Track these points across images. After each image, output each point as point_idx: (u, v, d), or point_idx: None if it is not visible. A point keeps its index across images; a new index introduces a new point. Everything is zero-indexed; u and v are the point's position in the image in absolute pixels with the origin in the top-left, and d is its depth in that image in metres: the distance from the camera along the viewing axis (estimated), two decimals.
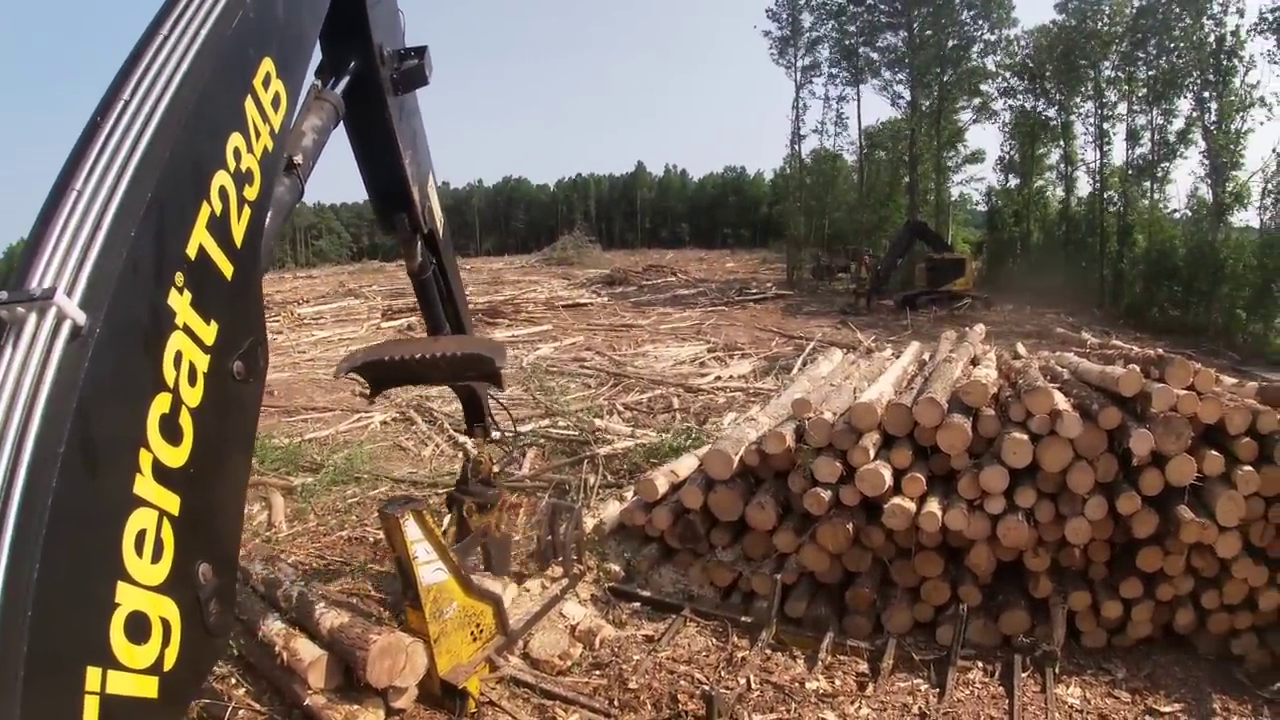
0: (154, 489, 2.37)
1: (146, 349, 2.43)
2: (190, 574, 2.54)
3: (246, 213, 2.94)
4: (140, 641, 2.29)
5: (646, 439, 11.93)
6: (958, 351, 10.05)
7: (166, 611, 2.40)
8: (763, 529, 7.55)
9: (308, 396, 17.90)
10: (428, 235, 5.88)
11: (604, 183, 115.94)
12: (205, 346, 2.66)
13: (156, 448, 2.40)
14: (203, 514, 2.61)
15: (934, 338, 15.98)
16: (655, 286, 42.46)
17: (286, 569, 7.26)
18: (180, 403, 2.52)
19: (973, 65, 44.48)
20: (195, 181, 2.69)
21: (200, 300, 2.63)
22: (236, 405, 2.91)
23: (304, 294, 41.28)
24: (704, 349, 22.55)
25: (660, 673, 6.43)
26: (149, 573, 2.33)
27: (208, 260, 2.71)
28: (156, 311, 2.48)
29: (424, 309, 6.53)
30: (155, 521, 2.37)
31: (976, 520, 6.89)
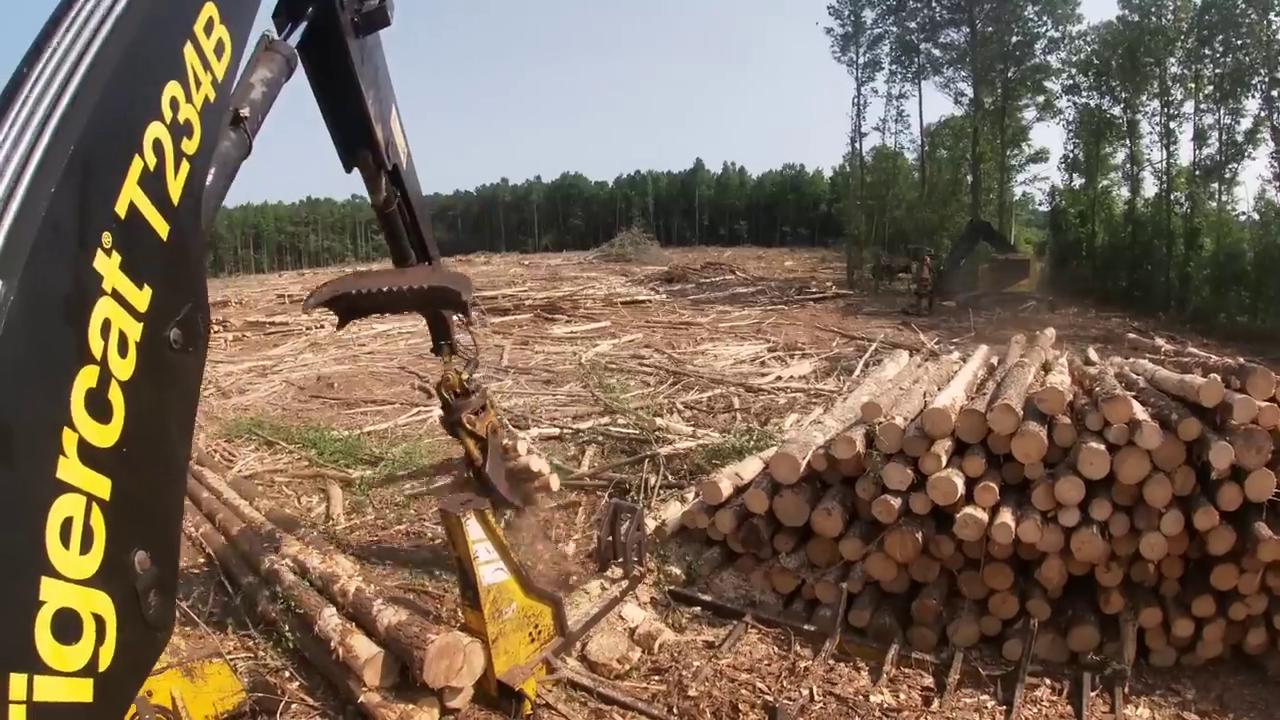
0: (80, 472, 2.12)
1: (69, 318, 2.16)
2: (125, 564, 2.30)
3: (185, 167, 2.66)
4: (70, 641, 2.06)
5: (708, 439, 11.79)
6: (1030, 356, 9.77)
7: (99, 607, 2.16)
8: (828, 535, 7.39)
9: (367, 389, 18.05)
10: (392, 169, 5.76)
11: (662, 180, 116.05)
12: (138, 313, 2.39)
13: (82, 426, 2.14)
14: (138, 497, 2.37)
15: (997, 340, 15.65)
16: (714, 284, 42.24)
17: (344, 563, 7.25)
18: (110, 376, 2.25)
19: (1036, 62, 43.60)
20: (126, 133, 2.42)
21: (131, 263, 2.36)
22: (174, 377, 2.64)
23: None
24: (764, 348, 22.33)
25: (721, 681, 6.31)
26: (77, 565, 2.09)
27: (140, 219, 2.44)
28: (80, 276, 2.20)
29: (389, 240, 6.35)
30: (83, 508, 2.12)
31: (1049, 532, 6.68)
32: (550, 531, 9.26)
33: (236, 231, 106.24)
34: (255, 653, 6.75)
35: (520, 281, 43.41)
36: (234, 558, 8.05)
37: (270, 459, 12.59)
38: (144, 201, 2.43)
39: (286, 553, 7.52)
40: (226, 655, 6.07)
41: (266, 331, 28.31)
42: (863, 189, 49.77)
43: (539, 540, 8.31)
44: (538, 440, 12.90)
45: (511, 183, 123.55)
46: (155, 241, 2.50)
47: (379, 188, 5.74)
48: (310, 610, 6.47)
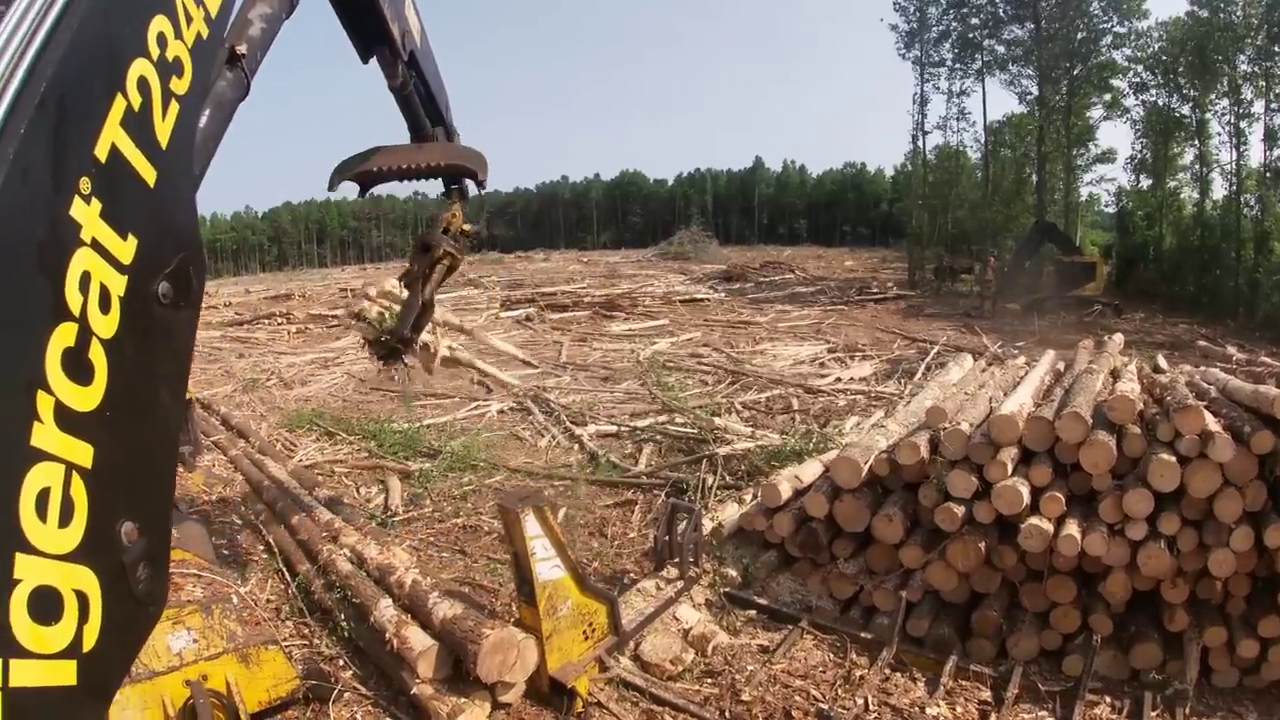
0: (58, 439, 1.96)
1: (42, 269, 1.97)
2: (111, 536, 2.15)
3: (174, 108, 2.47)
4: (50, 621, 1.92)
5: (766, 440, 11.69)
6: (1098, 363, 9.53)
7: (82, 583, 2.02)
8: (889, 542, 7.26)
9: (426, 383, 18.17)
10: (408, 56, 5.75)
11: (721, 178, 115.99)
12: (121, 266, 2.21)
13: (59, 389, 1.98)
14: (124, 464, 2.21)
15: (1061, 345, 15.35)
16: (773, 283, 42.09)
17: (401, 554, 7.29)
18: (90, 334, 2.08)
19: (1102, 59, 42.76)
20: (107, 70, 2.24)
21: (113, 210, 2.18)
22: (163, 334, 2.45)
23: None
24: (823, 349, 22.15)
25: (775, 686, 6.22)
26: (56, 539, 1.95)
27: (123, 163, 2.26)
28: (55, 224, 2.02)
29: (407, 117, 6.39)
30: (62, 477, 1.97)
31: (1116, 545, 6.50)
32: (607, 529, 9.26)
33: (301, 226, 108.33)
34: (310, 640, 6.82)
35: (579, 278, 43.64)
36: (292, 546, 8.13)
37: (330, 449, 12.75)
38: (127, 144, 2.27)
39: (345, 542, 7.59)
40: (282, 642, 6.11)
41: (329, 325, 28.76)
42: (925, 188, 49.27)
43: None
44: (594, 437, 12.93)
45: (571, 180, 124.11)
46: (141, 187, 2.34)
47: (395, 73, 5.76)
48: (366, 600, 6.52)
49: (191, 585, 6.48)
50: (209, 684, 5.14)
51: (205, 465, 11.62)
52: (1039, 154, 44.97)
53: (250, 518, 9.32)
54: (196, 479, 10.59)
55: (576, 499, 10.06)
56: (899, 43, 48.32)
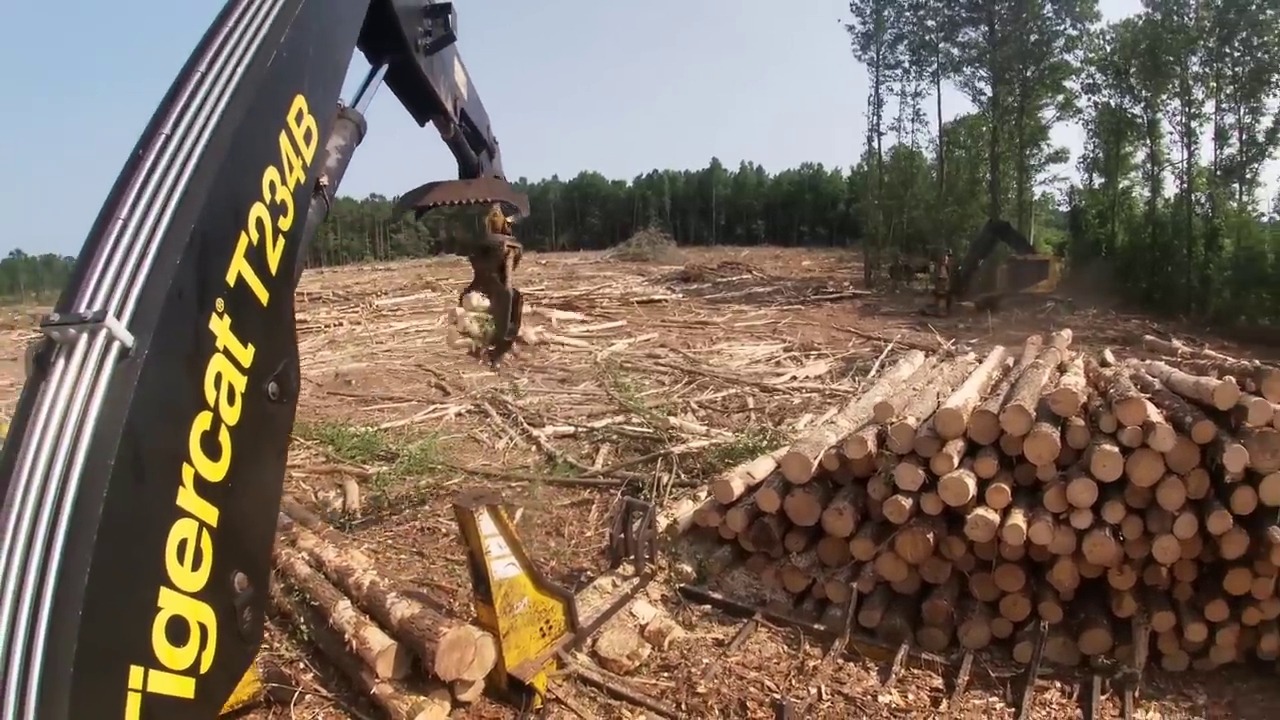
0: (195, 501, 2.49)
1: (190, 370, 2.55)
2: (226, 582, 2.64)
3: (281, 242, 3.06)
4: (180, 644, 2.40)
5: (721, 438, 11.79)
6: (1045, 357, 9.76)
7: (204, 617, 2.50)
8: (840, 535, 7.38)
9: (385, 386, 18.16)
10: (460, 112, 6.07)
11: (679, 179, 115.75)
12: (243, 368, 2.78)
13: (198, 463, 2.52)
14: (239, 526, 2.72)
15: (1016, 341, 15.59)
16: (730, 284, 42.26)
17: (359, 557, 7.31)
18: (220, 421, 2.64)
19: (1055, 61, 43.29)
20: (234, 213, 2.81)
21: (239, 324, 2.75)
22: (271, 424, 3.03)
23: (383, 286, 41.91)
24: (779, 348, 22.35)
25: (730, 678, 6.32)
26: (189, 579, 2.44)
27: (245, 287, 2.83)
28: (199, 335, 2.60)
29: (457, 156, 6.75)
30: (196, 532, 2.48)
31: (1062, 534, 6.66)
32: (564, 529, 9.33)
33: None
34: (270, 644, 6.80)
35: (537, 280, 43.51)
36: None
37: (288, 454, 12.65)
38: (249, 272, 2.84)
39: (303, 546, 7.60)
40: None
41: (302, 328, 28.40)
42: (880, 188, 49.67)
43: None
44: (552, 438, 12.98)
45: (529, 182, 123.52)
46: (257, 306, 2.90)
47: (448, 130, 6.05)
48: (325, 603, 6.54)
49: None
50: None
51: None
52: (992, 154, 45.46)
53: None
54: None
55: (534, 499, 10.09)
56: (855, 44, 48.68)
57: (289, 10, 3.22)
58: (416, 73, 4.95)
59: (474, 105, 6.46)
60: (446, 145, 6.56)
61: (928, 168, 50.32)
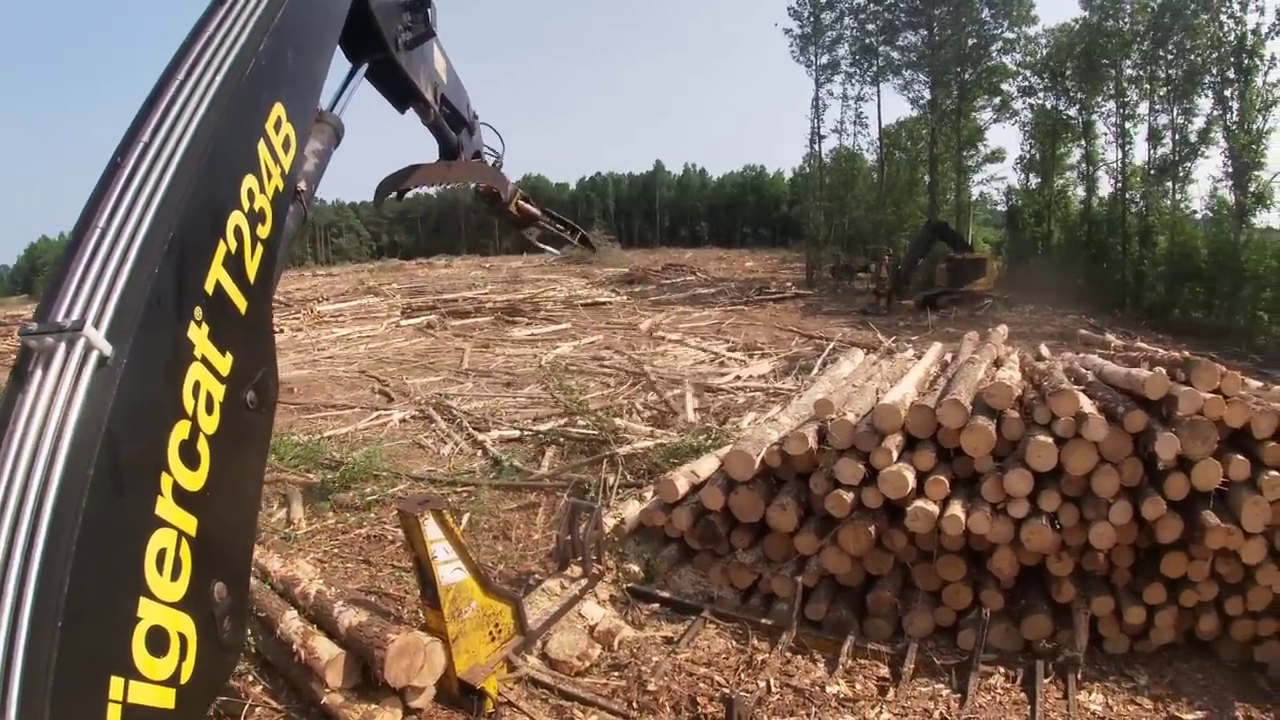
0: (174, 511, 2.49)
1: (168, 378, 2.56)
2: (206, 592, 2.65)
3: (259, 250, 3.07)
4: (160, 654, 2.39)
5: (666, 439, 11.84)
6: (981, 353, 9.95)
7: (184, 627, 2.51)
8: (784, 531, 7.47)
9: (327, 394, 17.95)
10: (439, 99, 6.01)
11: (623, 182, 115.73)
12: (221, 377, 2.79)
13: (177, 472, 2.52)
14: (218, 535, 2.73)
15: (955, 338, 15.83)
16: (674, 285, 42.43)
17: (305, 566, 7.25)
18: (198, 430, 2.64)
19: (992, 64, 44.08)
20: (213, 221, 2.82)
21: (217, 333, 2.77)
22: (249, 433, 3.05)
23: (324, 291, 41.38)
24: (724, 348, 22.48)
25: (679, 675, 6.37)
26: (168, 589, 2.45)
27: (224, 296, 2.85)
28: (178, 343, 2.61)
29: (437, 138, 6.56)
30: (174, 541, 2.49)
31: (1000, 524, 6.80)
32: (510, 532, 9.33)
33: None
34: None
35: (481, 284, 43.38)
36: None
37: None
38: (227, 280, 2.85)
39: None
40: None
41: None
42: (822, 190, 50.03)
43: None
44: (497, 442, 12.95)
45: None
46: (236, 315, 2.91)
47: (428, 114, 5.95)
48: (272, 613, 6.46)
49: None
50: None
51: None
52: (931, 156, 46.14)
53: None
54: None
55: (480, 504, 10.07)
56: (793, 46, 49.03)
57: (268, 17, 3.23)
58: (397, 70, 4.93)
59: (454, 88, 6.38)
60: (427, 129, 6.47)
61: (868, 169, 50.79)
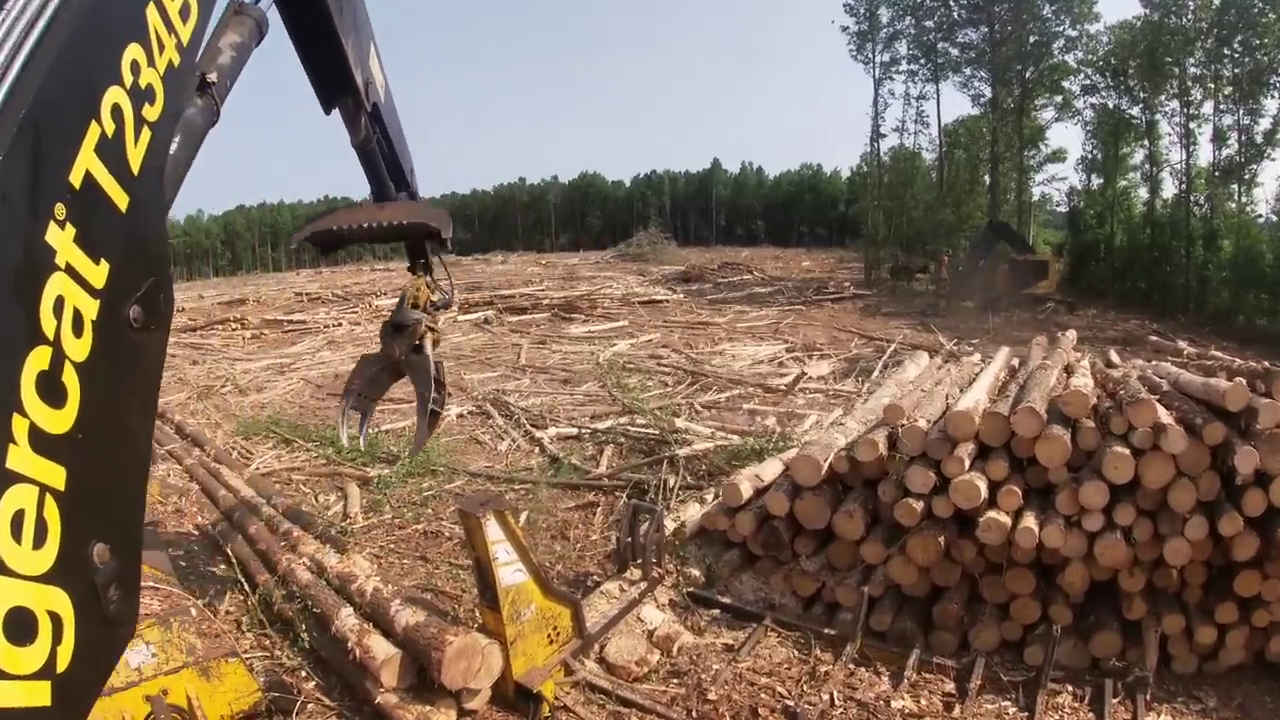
0: (32, 461, 1.96)
1: (18, 294, 1.99)
2: (83, 558, 2.14)
3: (146, 135, 2.49)
4: (24, 642, 1.91)
5: (727, 441, 11.68)
6: (1051, 358, 9.66)
7: (56, 604, 2.01)
8: (850, 539, 7.31)
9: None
10: (371, 108, 5.68)
11: (679, 179, 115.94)
12: (94, 290, 2.22)
13: (34, 412, 1.98)
14: (96, 486, 2.22)
15: (1017, 342, 15.54)
16: (731, 284, 42.16)
17: (361, 562, 7.23)
18: (63, 357, 2.10)
19: (1054, 62, 43.35)
20: (83, 97, 2.25)
21: (87, 235, 2.19)
22: (135, 357, 2.47)
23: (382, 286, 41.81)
24: (782, 348, 22.26)
25: (740, 684, 6.24)
26: (30, 561, 1.93)
27: (97, 189, 2.27)
28: (31, 249, 2.03)
29: (369, 176, 6.29)
30: (35, 499, 1.97)
31: (1073, 537, 6.59)
32: (569, 532, 9.23)
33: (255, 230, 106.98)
34: (271, 652, 6.74)
35: (537, 280, 43.46)
36: (251, 556, 8.02)
37: (288, 457, 12.61)
38: (101, 170, 2.28)
39: (304, 551, 7.50)
40: (243, 654, 6.03)
41: (284, 329, 28.47)
42: (880, 189, 49.54)
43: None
44: (555, 439, 12.88)
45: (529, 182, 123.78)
46: (113, 213, 2.34)
47: (358, 127, 5.68)
48: (327, 610, 6.45)
49: (148, 598, 6.36)
50: (169, 699, 5.07)
51: (160, 475, 11.44)
52: (992, 154, 45.50)
53: (207, 528, 9.20)
54: (151, 489, 10.41)
55: (538, 502, 10.01)
56: (850, 44, 48.63)
57: None
58: (318, 3, 4.59)
59: (392, 114, 6.13)
60: (358, 159, 6.13)
61: (927, 168, 50.22)
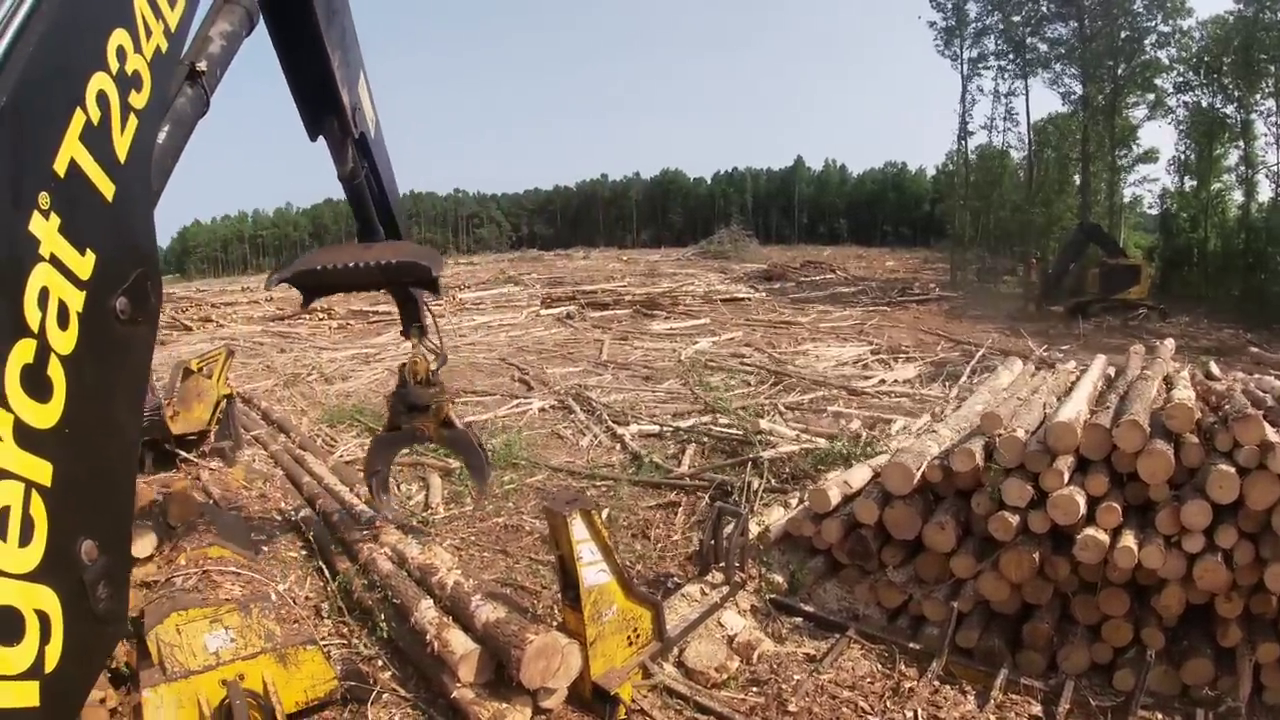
0: (17, 456, 1.96)
1: (1, 286, 1.98)
2: (70, 555, 2.14)
3: (132, 123, 2.46)
4: (11, 642, 1.92)
5: (813, 444, 11.46)
6: (1151, 369, 9.24)
7: (43, 602, 2.01)
8: (940, 551, 7.08)
9: (468, 380, 18.20)
10: (359, 138, 5.57)
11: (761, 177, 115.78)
12: (79, 281, 2.20)
13: (18, 406, 1.97)
14: (83, 482, 2.21)
15: (1107, 349, 15.03)
16: (814, 283, 41.83)
17: (443, 554, 7.24)
18: (48, 350, 2.08)
19: (1146, 58, 42.05)
20: (66, 84, 2.22)
21: (72, 225, 2.16)
22: (122, 350, 2.44)
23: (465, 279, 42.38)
24: (866, 350, 21.93)
25: (822, 696, 6.08)
26: (16, 559, 1.94)
27: (82, 178, 2.24)
28: (14, 240, 2.01)
29: (356, 213, 6.18)
30: (21, 496, 1.96)
31: (1172, 558, 6.30)
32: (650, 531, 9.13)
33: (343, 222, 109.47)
34: (349, 640, 6.80)
35: (619, 276, 43.63)
36: (332, 543, 8.10)
37: None
38: (86, 158, 2.24)
39: (385, 541, 7.56)
40: (320, 641, 6.08)
41: (370, 320, 28.96)
42: (967, 188, 48.60)
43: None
44: (636, 436, 12.80)
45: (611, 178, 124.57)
46: (99, 202, 2.31)
47: (345, 157, 5.59)
48: (407, 601, 6.49)
49: (230, 583, 6.47)
50: (246, 684, 5.15)
51: (245, 460, 11.69)
52: (1084, 153, 44.28)
53: (290, 513, 9.32)
54: (237, 474, 10.63)
55: (619, 500, 9.97)
56: (938, 39, 47.88)
57: None
58: (305, 9, 4.51)
59: (381, 148, 6.00)
60: (345, 195, 6.01)
61: (1015, 167, 49.09)
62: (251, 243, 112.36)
